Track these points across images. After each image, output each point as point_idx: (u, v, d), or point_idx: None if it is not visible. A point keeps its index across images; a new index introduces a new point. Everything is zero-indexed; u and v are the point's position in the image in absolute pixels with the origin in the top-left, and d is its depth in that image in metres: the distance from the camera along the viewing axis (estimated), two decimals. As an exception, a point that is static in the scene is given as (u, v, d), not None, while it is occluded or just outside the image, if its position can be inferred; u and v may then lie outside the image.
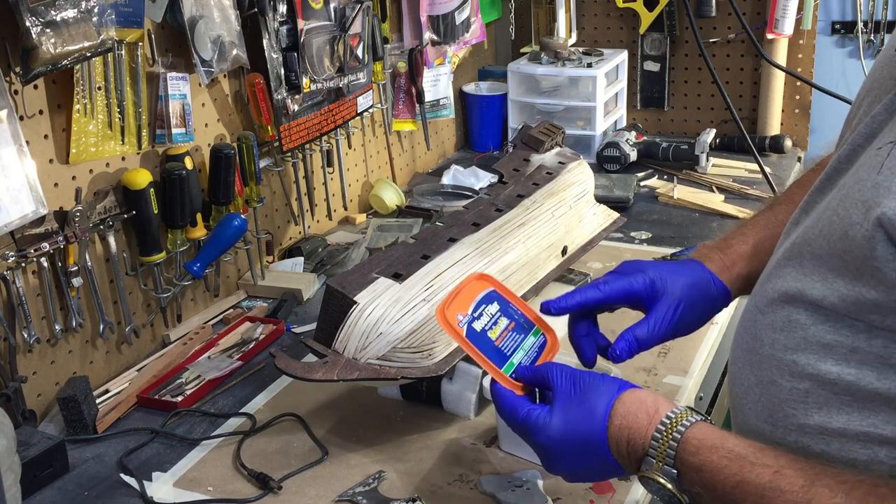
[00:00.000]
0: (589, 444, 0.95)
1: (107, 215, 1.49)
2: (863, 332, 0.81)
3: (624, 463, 0.94)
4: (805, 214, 0.91)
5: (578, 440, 0.96)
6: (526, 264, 1.49)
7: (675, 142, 2.47)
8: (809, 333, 0.85)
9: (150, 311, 1.64)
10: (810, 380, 0.85)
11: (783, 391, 0.87)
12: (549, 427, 0.98)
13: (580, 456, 0.96)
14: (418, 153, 2.52)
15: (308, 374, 1.23)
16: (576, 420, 0.97)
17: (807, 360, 0.85)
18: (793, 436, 0.87)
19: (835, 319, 0.83)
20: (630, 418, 0.93)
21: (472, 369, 1.35)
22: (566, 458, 0.97)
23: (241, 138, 1.72)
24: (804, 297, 0.86)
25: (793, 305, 0.87)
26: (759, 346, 0.91)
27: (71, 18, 1.30)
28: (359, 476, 1.25)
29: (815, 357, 0.85)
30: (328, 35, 1.88)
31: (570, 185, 1.69)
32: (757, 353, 0.91)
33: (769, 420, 0.89)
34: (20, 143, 1.31)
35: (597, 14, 2.77)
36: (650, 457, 0.91)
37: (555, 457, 0.98)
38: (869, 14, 2.62)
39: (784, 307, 0.88)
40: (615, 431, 0.94)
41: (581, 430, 0.96)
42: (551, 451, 0.98)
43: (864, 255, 0.78)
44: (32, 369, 1.42)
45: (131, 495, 1.24)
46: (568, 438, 0.97)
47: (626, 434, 0.93)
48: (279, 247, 1.98)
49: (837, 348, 0.83)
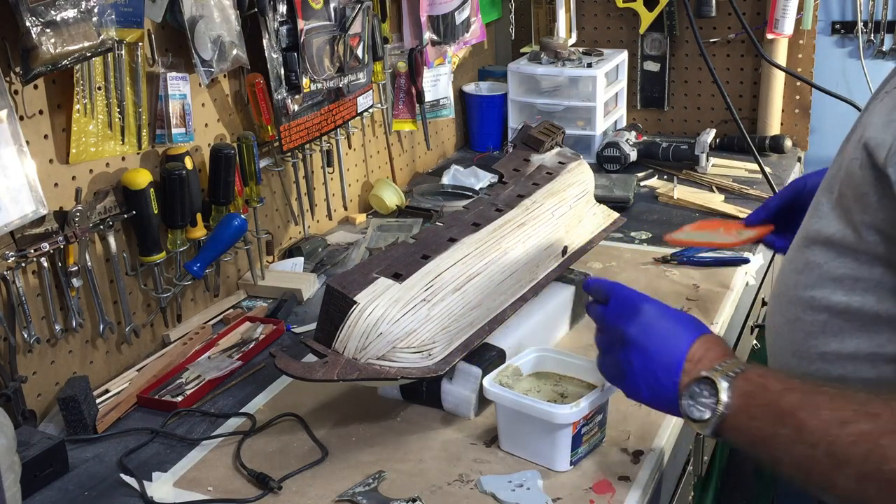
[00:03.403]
0: (678, 332, 1.05)
1: (107, 215, 1.49)
2: (865, 263, 0.96)
3: (687, 370, 1.03)
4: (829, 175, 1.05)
5: (675, 323, 1.06)
6: (526, 264, 1.49)
7: (675, 142, 2.47)
8: (824, 270, 0.99)
9: (150, 311, 1.64)
10: (826, 311, 0.99)
11: (805, 325, 1.02)
12: (664, 305, 1.09)
13: (665, 333, 1.06)
14: (418, 153, 2.52)
15: (308, 374, 1.23)
16: (680, 317, 1.08)
17: (822, 294, 1.00)
18: (815, 364, 1.01)
19: (844, 254, 0.97)
20: (717, 344, 1.05)
21: (472, 369, 1.35)
22: (652, 330, 1.06)
23: (241, 138, 1.72)
24: (820, 236, 1.00)
25: (811, 248, 1.01)
26: (785, 290, 1.06)
27: (71, 18, 1.30)
28: (359, 476, 1.24)
29: (828, 291, 0.99)
30: (328, 35, 1.88)
31: (570, 185, 1.69)
32: (784, 295, 1.06)
33: (796, 353, 1.03)
34: (20, 143, 1.31)
35: (597, 14, 2.77)
36: (718, 366, 1.00)
37: (645, 325, 1.07)
38: (869, 14, 2.62)
39: (803, 251, 1.03)
40: (700, 343, 1.04)
41: (681, 322, 1.07)
42: (648, 316, 1.07)
43: (856, 183, 0.94)
44: (32, 369, 1.42)
45: (131, 495, 1.24)
46: (668, 319, 1.07)
47: (707, 347, 1.04)
48: (279, 247, 1.98)
49: (845, 280, 0.97)
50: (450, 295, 1.33)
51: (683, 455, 1.50)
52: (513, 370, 1.31)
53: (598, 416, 1.26)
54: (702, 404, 0.99)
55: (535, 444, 1.24)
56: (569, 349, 1.48)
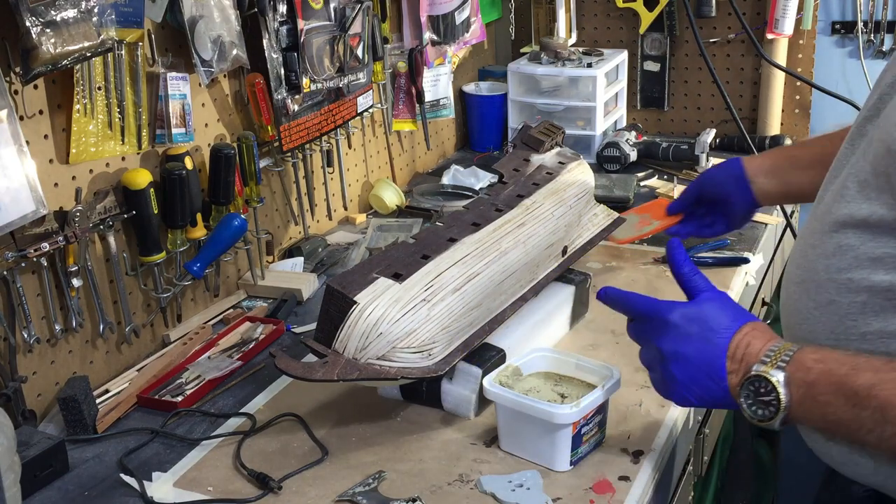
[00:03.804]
0: (712, 332, 1.06)
1: (107, 215, 1.49)
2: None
3: (733, 370, 1.04)
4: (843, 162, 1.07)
5: (705, 325, 1.07)
6: (526, 264, 1.49)
7: (675, 142, 2.47)
8: (860, 252, 1.00)
9: (150, 311, 1.64)
10: (866, 292, 1.00)
11: (842, 307, 1.02)
12: (687, 307, 1.10)
13: (699, 342, 1.06)
14: (418, 153, 2.52)
15: (308, 374, 1.23)
16: (713, 313, 1.09)
17: (861, 275, 1.00)
18: (855, 344, 1.01)
19: (881, 234, 0.98)
20: (756, 332, 1.06)
21: (472, 369, 1.35)
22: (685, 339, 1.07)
23: (241, 138, 1.72)
24: (852, 219, 1.01)
25: (841, 232, 1.02)
26: (813, 275, 1.06)
27: (71, 18, 1.30)
28: (359, 476, 1.24)
29: (867, 271, 1.00)
30: (328, 35, 1.88)
31: (570, 185, 1.69)
32: (812, 281, 1.06)
33: (832, 336, 1.03)
34: (20, 143, 1.31)
35: (597, 14, 2.77)
36: (766, 356, 1.01)
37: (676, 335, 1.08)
38: (869, 14, 2.61)
39: (833, 236, 1.03)
40: (739, 337, 1.05)
41: (714, 319, 1.07)
42: (677, 326, 1.08)
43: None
44: (32, 369, 1.42)
45: (131, 495, 1.24)
46: (699, 321, 1.07)
47: (748, 339, 1.04)
48: (279, 247, 1.98)
49: (886, 259, 0.98)
50: (450, 295, 1.33)
51: (683, 455, 1.50)
52: (513, 370, 1.31)
53: (598, 416, 1.26)
54: (761, 403, 1.00)
55: (535, 444, 1.24)
56: (569, 349, 1.48)
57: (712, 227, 1.69)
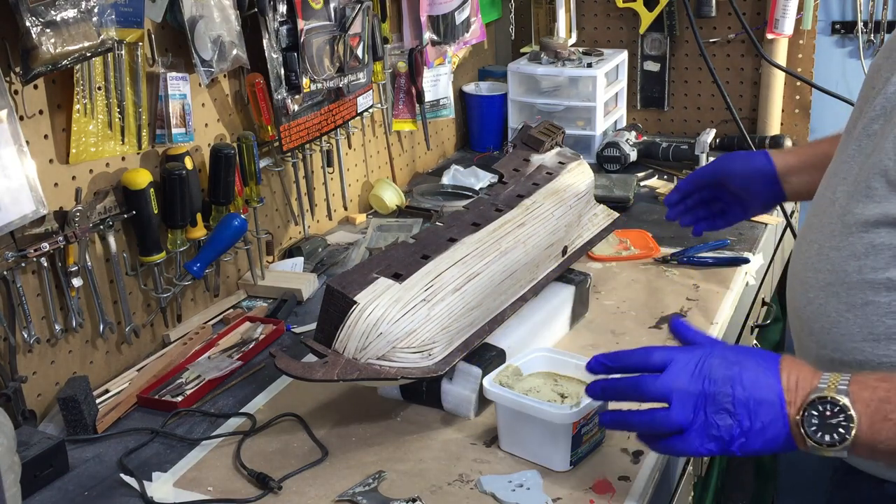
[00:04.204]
0: (762, 361, 0.98)
1: (107, 215, 1.49)
2: None
3: (790, 400, 0.95)
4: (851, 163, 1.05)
5: (753, 362, 0.98)
6: (526, 264, 1.49)
7: (675, 142, 2.47)
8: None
9: (150, 311, 1.64)
10: None
11: (881, 307, 1.00)
12: (727, 348, 1.02)
13: (751, 374, 0.96)
14: (418, 153, 2.52)
15: (308, 374, 1.23)
16: (751, 351, 1.02)
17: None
18: None
19: None
20: (801, 366, 0.98)
21: (472, 369, 1.35)
22: (736, 375, 0.97)
23: (241, 138, 1.72)
24: (886, 218, 0.98)
25: (873, 232, 1.00)
26: (843, 277, 1.03)
27: (71, 18, 1.30)
28: (359, 476, 1.25)
29: None
30: (328, 35, 1.88)
31: (570, 185, 1.69)
32: (843, 283, 1.03)
33: (869, 337, 1.01)
34: (20, 143, 1.31)
35: (597, 14, 2.77)
36: (822, 383, 0.94)
37: (724, 372, 0.97)
38: (869, 14, 2.61)
39: (863, 236, 1.01)
40: (787, 365, 0.98)
41: (756, 356, 0.99)
42: (725, 364, 0.98)
43: None
44: (32, 369, 1.42)
45: (131, 495, 1.24)
46: (744, 359, 0.98)
47: (797, 371, 0.97)
48: (279, 247, 1.98)
49: None
50: (450, 295, 1.33)
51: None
52: (513, 370, 1.31)
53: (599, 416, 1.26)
54: (829, 427, 0.92)
55: (535, 444, 1.24)
56: (569, 349, 1.48)
57: (726, 217, 1.58)
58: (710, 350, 1.01)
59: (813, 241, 1.10)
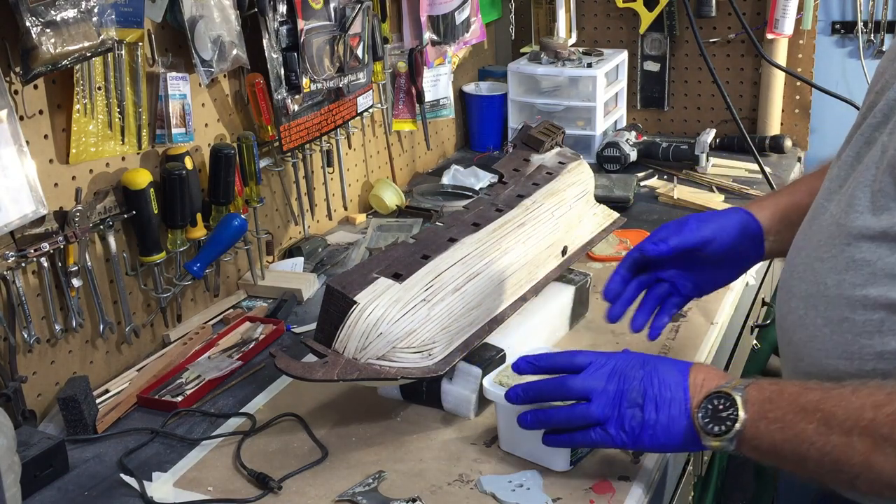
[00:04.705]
0: (673, 365, 1.08)
1: (107, 215, 1.49)
2: None
3: (693, 390, 1.05)
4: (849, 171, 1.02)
5: (665, 363, 1.10)
6: (526, 264, 1.49)
7: (675, 142, 2.47)
8: (877, 267, 0.94)
9: (150, 311, 1.64)
10: (884, 309, 0.94)
11: (856, 325, 0.96)
12: (641, 354, 1.13)
13: (662, 375, 1.08)
14: (418, 153, 2.52)
15: (308, 374, 1.23)
16: (664, 359, 1.12)
17: (878, 291, 0.94)
18: (871, 364, 0.96)
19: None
20: (710, 370, 1.09)
21: (472, 369, 1.35)
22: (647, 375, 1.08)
23: (241, 138, 1.72)
24: (868, 231, 0.95)
25: (854, 246, 0.96)
26: (823, 290, 1.00)
27: (71, 18, 1.30)
28: (359, 476, 1.24)
29: (885, 287, 0.94)
30: (328, 35, 1.88)
31: (570, 185, 1.69)
32: (822, 296, 1.00)
33: (844, 354, 0.98)
34: (20, 143, 1.31)
35: (597, 14, 2.77)
36: (725, 383, 1.02)
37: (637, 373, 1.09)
38: (869, 14, 2.62)
39: (844, 249, 0.97)
40: (695, 371, 1.07)
41: (668, 361, 1.11)
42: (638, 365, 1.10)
43: None
44: (32, 369, 1.42)
45: (131, 495, 1.24)
46: (657, 363, 1.10)
47: (704, 373, 1.07)
48: (279, 247, 1.98)
49: None
50: (450, 295, 1.33)
51: (683, 455, 1.50)
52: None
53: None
54: (719, 418, 1.00)
55: (535, 444, 1.23)
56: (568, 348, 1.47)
57: (715, 282, 1.40)
58: (627, 356, 1.13)
59: (801, 248, 1.07)
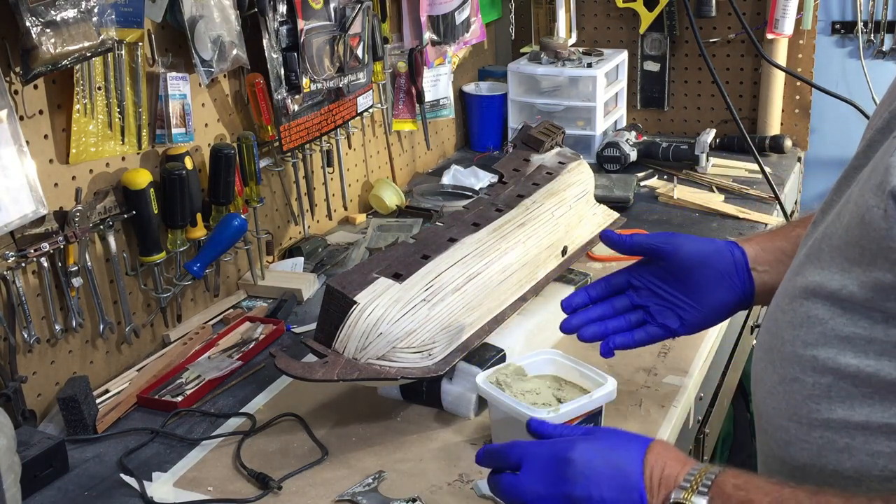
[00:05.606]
0: (622, 461, 0.93)
1: (107, 215, 1.49)
2: (880, 322, 0.82)
3: (651, 491, 0.91)
4: (824, 214, 0.92)
5: (614, 456, 0.94)
6: (526, 264, 1.49)
7: (675, 142, 2.47)
8: (828, 328, 0.86)
9: (150, 311, 1.64)
10: (832, 374, 0.86)
11: (806, 387, 0.88)
12: (586, 441, 0.96)
13: (611, 472, 0.93)
14: (418, 153, 2.52)
15: (308, 374, 1.23)
16: (614, 443, 0.96)
17: (827, 354, 0.86)
18: (817, 431, 0.88)
19: (852, 311, 0.84)
20: (668, 454, 0.93)
21: (472, 369, 1.35)
22: (594, 474, 0.93)
23: (241, 138, 1.72)
24: (823, 289, 0.86)
25: (811, 301, 0.88)
26: (780, 345, 0.92)
27: (71, 18, 1.30)
28: (359, 476, 1.25)
29: (834, 351, 0.85)
30: (328, 35, 1.88)
31: (570, 185, 1.69)
32: (778, 351, 0.92)
33: (793, 417, 0.90)
34: (20, 143, 1.31)
35: (597, 14, 2.77)
36: (685, 482, 0.89)
37: (581, 472, 0.94)
38: (869, 14, 2.62)
39: (803, 303, 0.89)
40: (652, 460, 0.93)
41: (619, 449, 0.94)
42: (581, 462, 0.94)
43: (880, 235, 0.79)
44: (32, 369, 1.42)
45: (131, 495, 1.24)
46: (604, 453, 0.94)
47: (662, 463, 0.92)
48: (279, 247, 1.98)
49: (856, 340, 0.84)
50: (450, 295, 1.33)
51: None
52: (514, 369, 1.30)
53: (590, 423, 1.23)
54: None
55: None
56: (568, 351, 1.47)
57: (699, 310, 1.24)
58: (570, 444, 0.96)
59: (776, 295, 0.97)
